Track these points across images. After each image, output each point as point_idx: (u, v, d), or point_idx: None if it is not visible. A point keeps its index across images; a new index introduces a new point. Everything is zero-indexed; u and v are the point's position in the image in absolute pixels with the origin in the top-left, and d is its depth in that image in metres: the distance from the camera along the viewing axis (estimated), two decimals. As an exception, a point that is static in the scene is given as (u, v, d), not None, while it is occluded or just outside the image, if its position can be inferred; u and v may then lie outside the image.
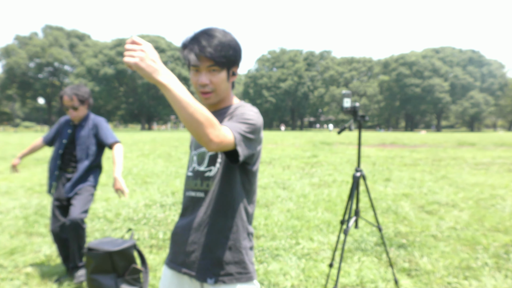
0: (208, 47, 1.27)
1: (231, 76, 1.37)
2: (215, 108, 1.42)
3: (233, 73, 1.38)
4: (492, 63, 74.31)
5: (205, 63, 1.29)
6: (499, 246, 3.87)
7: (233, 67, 1.36)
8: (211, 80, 1.31)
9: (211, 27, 1.34)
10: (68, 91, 3.09)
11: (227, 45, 1.30)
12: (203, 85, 1.31)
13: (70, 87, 3.15)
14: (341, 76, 79.65)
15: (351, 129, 2.72)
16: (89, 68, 62.97)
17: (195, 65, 1.30)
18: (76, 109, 3.11)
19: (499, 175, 8.76)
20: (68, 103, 3.08)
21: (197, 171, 1.40)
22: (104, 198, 6.21)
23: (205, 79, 1.30)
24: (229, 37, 1.32)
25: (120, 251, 2.70)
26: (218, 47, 1.28)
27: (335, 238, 4.08)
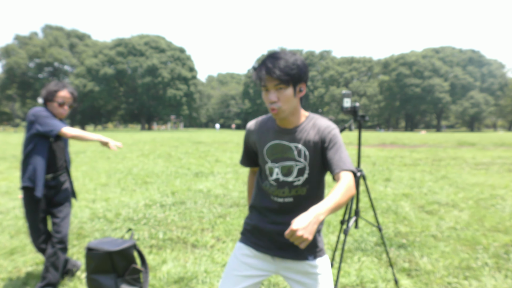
0: (273, 68, 1.48)
1: (298, 92, 1.57)
2: (290, 125, 1.64)
3: (300, 90, 1.57)
4: (492, 63, 74.30)
5: (272, 82, 1.50)
6: (499, 246, 3.87)
7: (299, 84, 1.55)
8: (278, 97, 1.51)
9: (277, 51, 1.56)
10: (68, 87, 2.94)
11: (291, 65, 1.49)
12: (272, 102, 1.52)
13: (64, 83, 2.96)
14: (341, 76, 79.66)
15: (351, 129, 2.72)
16: (89, 68, 62.93)
17: (264, 86, 1.52)
18: (70, 108, 2.97)
19: (499, 175, 8.75)
20: (68, 100, 2.93)
21: (283, 181, 1.63)
22: (104, 198, 6.21)
23: (274, 97, 1.51)
24: (293, 57, 1.52)
25: (120, 251, 2.70)
26: (282, 67, 1.48)
27: (335, 238, 4.07)
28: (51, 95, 2.88)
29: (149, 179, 8.16)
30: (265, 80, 1.50)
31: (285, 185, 1.63)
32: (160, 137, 30.70)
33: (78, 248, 3.86)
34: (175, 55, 69.67)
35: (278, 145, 1.63)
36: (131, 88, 69.31)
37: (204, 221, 4.83)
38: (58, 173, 2.96)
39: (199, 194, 6.54)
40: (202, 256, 3.62)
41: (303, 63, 1.54)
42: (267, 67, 1.49)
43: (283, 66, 1.48)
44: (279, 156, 1.62)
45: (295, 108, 1.61)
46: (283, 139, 1.62)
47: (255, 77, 1.54)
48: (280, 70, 1.47)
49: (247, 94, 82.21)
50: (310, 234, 1.24)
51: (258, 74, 1.52)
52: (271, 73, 1.48)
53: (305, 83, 1.59)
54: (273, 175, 1.64)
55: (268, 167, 1.66)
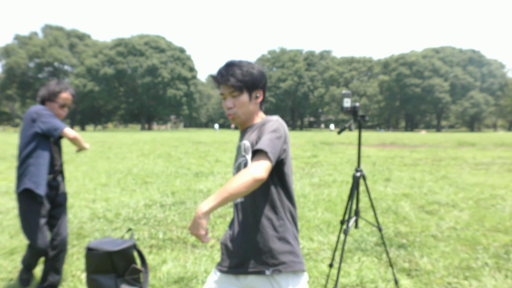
0: (227, 75, 1.55)
1: (254, 98, 1.61)
2: (244, 127, 1.66)
3: (256, 96, 1.62)
4: (492, 63, 74.27)
5: (228, 89, 1.57)
6: (499, 246, 3.87)
7: (255, 90, 1.60)
8: (234, 103, 1.58)
9: (234, 60, 1.62)
10: (70, 89, 2.89)
11: (244, 72, 1.55)
12: (228, 108, 1.59)
13: (66, 84, 2.91)
14: (341, 76, 79.64)
15: (351, 129, 2.72)
16: (89, 68, 62.91)
17: (221, 93, 1.60)
18: (69, 109, 2.93)
19: (499, 175, 8.75)
20: (69, 102, 2.89)
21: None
22: (104, 198, 6.21)
23: (229, 103, 1.58)
24: (248, 66, 1.58)
25: (120, 251, 2.70)
26: (236, 75, 1.54)
27: (335, 238, 4.07)
28: (54, 95, 2.81)
29: (149, 179, 8.16)
30: (221, 88, 1.58)
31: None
32: (160, 137, 30.69)
33: (78, 248, 3.86)
34: (175, 55, 69.64)
35: (237, 146, 1.66)
36: (131, 88, 69.29)
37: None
38: (57, 174, 2.93)
39: (199, 194, 6.54)
40: (202, 256, 3.61)
41: (258, 71, 1.60)
42: (221, 75, 1.56)
43: (236, 73, 1.54)
44: (237, 156, 1.64)
45: (252, 113, 1.63)
46: (240, 140, 1.66)
47: (215, 85, 1.62)
48: (233, 77, 1.53)
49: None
50: (195, 229, 1.32)
51: (215, 82, 1.59)
52: (225, 81, 1.54)
53: (262, 90, 1.64)
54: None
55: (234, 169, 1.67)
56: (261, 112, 1.70)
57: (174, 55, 69.47)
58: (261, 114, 1.69)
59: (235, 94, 1.56)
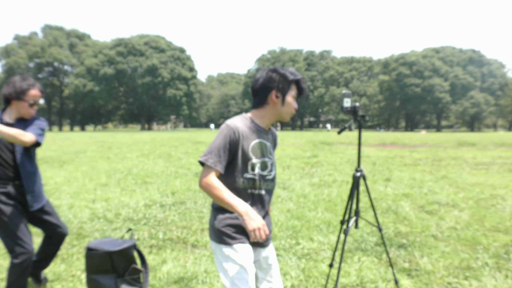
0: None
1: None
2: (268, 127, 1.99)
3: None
4: (493, 63, 74.26)
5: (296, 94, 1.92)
6: (500, 246, 3.86)
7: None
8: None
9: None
10: (38, 84, 2.63)
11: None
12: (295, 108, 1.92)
13: (32, 79, 2.64)
14: (341, 76, 79.63)
15: (351, 129, 2.72)
16: (89, 68, 62.90)
17: (293, 96, 1.87)
18: (37, 106, 2.68)
19: (500, 175, 8.75)
20: (38, 99, 2.64)
21: (264, 175, 1.86)
22: (104, 198, 6.20)
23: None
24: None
25: (120, 251, 2.69)
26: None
27: (335, 238, 4.07)
28: (22, 93, 2.55)
29: (149, 179, 8.16)
30: (294, 92, 1.88)
31: (261, 178, 1.89)
32: (160, 137, 30.69)
33: (78, 248, 3.86)
34: (175, 55, 69.64)
35: (263, 144, 1.89)
36: (131, 88, 69.28)
37: (204, 221, 4.82)
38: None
39: (199, 194, 6.54)
40: (202, 256, 3.61)
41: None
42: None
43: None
44: (264, 153, 1.89)
45: None
46: (265, 139, 1.90)
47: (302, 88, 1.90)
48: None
49: (247, 94, 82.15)
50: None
51: (304, 90, 1.89)
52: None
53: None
54: (255, 169, 1.85)
55: (251, 163, 1.83)
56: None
57: (174, 55, 69.47)
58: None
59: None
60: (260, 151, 1.83)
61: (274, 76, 1.81)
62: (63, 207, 5.55)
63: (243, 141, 1.77)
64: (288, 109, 1.85)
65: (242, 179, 1.80)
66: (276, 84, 1.80)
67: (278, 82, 1.80)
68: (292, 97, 1.84)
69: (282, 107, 1.84)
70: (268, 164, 1.86)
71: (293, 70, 1.85)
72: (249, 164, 1.80)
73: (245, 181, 1.80)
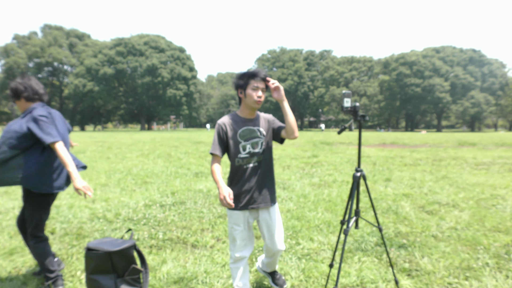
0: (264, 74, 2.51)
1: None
2: (252, 116, 2.57)
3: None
4: (493, 63, 74.23)
5: (262, 84, 2.47)
6: (500, 246, 3.86)
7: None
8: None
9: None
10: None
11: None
12: (260, 96, 2.46)
13: (28, 77, 2.88)
14: (341, 76, 79.60)
15: (351, 129, 2.71)
16: (88, 68, 62.88)
17: (256, 86, 2.44)
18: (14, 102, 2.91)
19: (500, 175, 8.74)
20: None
21: (252, 152, 2.49)
22: (104, 198, 6.20)
23: (262, 94, 2.48)
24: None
25: (119, 251, 2.69)
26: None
27: (335, 238, 4.06)
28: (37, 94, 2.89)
29: (149, 179, 8.15)
30: (258, 82, 2.46)
31: (254, 155, 2.52)
32: (160, 137, 30.68)
33: (78, 248, 3.85)
34: (175, 54, 69.60)
35: (249, 129, 2.52)
36: (131, 88, 69.26)
37: (204, 221, 4.82)
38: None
39: (199, 194, 6.53)
40: (202, 256, 3.61)
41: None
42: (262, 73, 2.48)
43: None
44: (249, 135, 2.52)
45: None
46: (251, 125, 2.55)
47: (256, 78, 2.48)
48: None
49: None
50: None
51: (259, 76, 2.46)
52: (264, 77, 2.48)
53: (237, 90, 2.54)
54: (246, 149, 2.49)
55: (242, 145, 2.48)
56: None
57: (174, 55, 69.44)
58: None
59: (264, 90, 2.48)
60: (247, 135, 2.48)
61: (236, 80, 2.51)
62: (63, 207, 5.54)
63: (231, 131, 2.46)
64: (250, 99, 2.44)
65: (237, 159, 2.48)
66: (238, 84, 2.49)
67: (238, 83, 2.48)
68: (251, 89, 2.42)
69: (246, 98, 2.46)
70: (259, 143, 2.50)
71: (250, 70, 2.45)
72: (240, 147, 2.47)
73: (239, 160, 2.48)
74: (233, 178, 2.52)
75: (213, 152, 2.46)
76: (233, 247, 2.55)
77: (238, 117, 2.51)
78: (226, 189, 2.27)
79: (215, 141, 2.47)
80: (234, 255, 2.54)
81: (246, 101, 2.46)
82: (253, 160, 2.48)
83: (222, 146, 2.46)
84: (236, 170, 2.49)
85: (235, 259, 2.55)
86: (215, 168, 2.42)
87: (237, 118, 2.51)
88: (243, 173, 2.48)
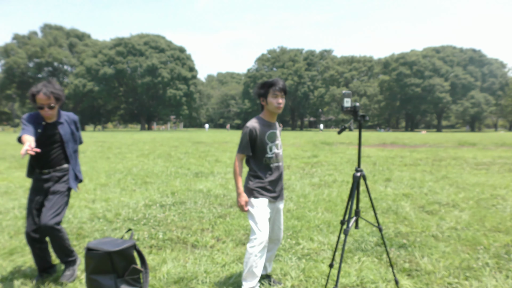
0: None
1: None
2: (274, 120, 2.90)
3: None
4: (493, 63, 74.22)
5: (281, 92, 2.76)
6: (500, 246, 3.85)
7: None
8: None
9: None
10: (44, 89, 2.97)
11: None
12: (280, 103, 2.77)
13: (43, 84, 3.02)
14: (341, 76, 79.59)
15: (351, 129, 2.71)
16: (88, 68, 62.85)
17: (276, 94, 2.74)
18: (52, 108, 3.01)
19: (500, 175, 8.74)
20: (45, 101, 2.96)
21: (276, 152, 2.82)
22: (104, 198, 6.20)
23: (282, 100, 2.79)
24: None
25: (119, 251, 2.69)
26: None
27: (335, 238, 4.06)
28: (32, 100, 3.00)
29: (149, 179, 8.15)
30: (278, 91, 2.75)
31: (278, 155, 2.85)
32: (160, 137, 30.69)
33: (78, 248, 3.85)
34: (175, 54, 69.58)
35: (272, 132, 2.83)
36: (131, 88, 69.22)
37: (204, 221, 4.82)
38: (46, 168, 3.14)
39: (199, 194, 6.53)
40: (202, 256, 3.61)
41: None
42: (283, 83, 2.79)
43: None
44: (274, 138, 2.85)
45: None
46: (273, 128, 2.86)
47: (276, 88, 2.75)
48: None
49: (247, 94, 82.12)
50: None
51: (282, 88, 2.75)
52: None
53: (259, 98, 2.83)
54: (273, 150, 2.81)
55: (269, 146, 2.79)
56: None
57: (174, 55, 69.41)
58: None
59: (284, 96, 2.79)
60: (272, 137, 2.79)
61: (257, 90, 2.78)
62: (63, 207, 5.54)
63: (260, 134, 2.74)
64: (272, 106, 2.73)
65: (264, 158, 2.78)
66: (259, 93, 2.77)
67: (259, 92, 2.77)
68: (272, 97, 2.71)
69: (268, 105, 2.75)
70: (279, 145, 2.85)
71: (269, 79, 2.75)
72: (268, 148, 2.77)
73: (266, 159, 2.78)
74: (260, 175, 2.78)
75: (243, 152, 2.74)
76: (264, 231, 2.68)
77: (264, 121, 2.80)
78: (244, 197, 2.71)
79: (245, 143, 2.72)
80: (260, 236, 2.66)
81: (269, 108, 2.75)
82: (276, 160, 2.81)
83: (250, 147, 2.75)
84: (263, 168, 2.78)
85: (260, 243, 2.65)
86: (239, 169, 2.74)
87: (263, 122, 2.80)
88: (269, 171, 2.79)
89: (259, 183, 2.77)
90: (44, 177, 3.05)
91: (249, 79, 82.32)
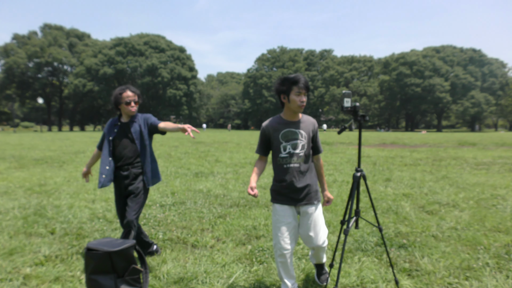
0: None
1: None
2: (296, 118, 2.73)
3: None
4: (493, 63, 74.25)
5: (304, 90, 2.62)
6: (500, 246, 3.85)
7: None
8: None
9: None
10: (130, 87, 3.35)
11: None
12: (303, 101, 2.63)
13: (123, 86, 3.37)
14: (341, 76, 79.61)
15: (351, 129, 2.71)
16: (88, 68, 62.90)
17: (299, 92, 2.60)
18: (136, 103, 3.35)
19: (500, 175, 8.74)
20: (132, 97, 3.30)
21: (292, 152, 2.62)
22: (104, 198, 6.19)
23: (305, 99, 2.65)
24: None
25: (119, 251, 2.68)
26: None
27: (336, 239, 4.06)
28: (119, 98, 3.31)
29: (149, 179, 8.13)
30: (301, 88, 2.60)
31: (293, 155, 2.64)
32: (160, 137, 30.69)
33: (78, 248, 3.85)
34: (175, 54, 69.63)
35: (289, 131, 2.67)
36: (131, 88, 69.23)
37: (204, 221, 4.81)
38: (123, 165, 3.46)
39: (199, 194, 6.53)
40: (202, 256, 3.60)
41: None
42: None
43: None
44: (290, 136, 2.67)
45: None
46: (293, 127, 2.69)
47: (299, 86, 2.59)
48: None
49: (247, 94, 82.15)
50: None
51: (305, 86, 2.60)
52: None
53: (279, 95, 2.65)
54: (287, 149, 2.65)
55: (283, 146, 2.66)
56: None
57: (174, 55, 69.46)
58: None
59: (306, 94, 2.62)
60: (288, 136, 2.62)
61: (278, 86, 2.60)
62: (63, 207, 5.54)
63: (274, 132, 2.64)
64: (294, 104, 2.57)
65: (278, 158, 2.64)
66: (280, 90, 2.59)
67: (281, 89, 2.58)
68: (294, 95, 2.55)
69: (290, 103, 2.59)
70: (299, 144, 2.62)
71: (292, 75, 2.57)
72: (281, 147, 2.62)
73: (280, 159, 2.63)
74: (275, 175, 2.70)
75: (257, 152, 2.78)
76: (278, 239, 2.61)
77: (282, 120, 2.67)
78: (250, 183, 2.57)
79: (259, 142, 2.74)
80: (280, 247, 2.60)
81: (290, 106, 2.59)
82: (293, 161, 2.61)
83: (264, 147, 2.72)
84: (278, 168, 2.66)
85: (281, 252, 2.60)
86: (255, 166, 2.75)
87: (280, 120, 2.67)
88: (284, 172, 2.62)
89: (274, 185, 2.71)
90: (124, 174, 3.36)
91: (249, 79, 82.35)
